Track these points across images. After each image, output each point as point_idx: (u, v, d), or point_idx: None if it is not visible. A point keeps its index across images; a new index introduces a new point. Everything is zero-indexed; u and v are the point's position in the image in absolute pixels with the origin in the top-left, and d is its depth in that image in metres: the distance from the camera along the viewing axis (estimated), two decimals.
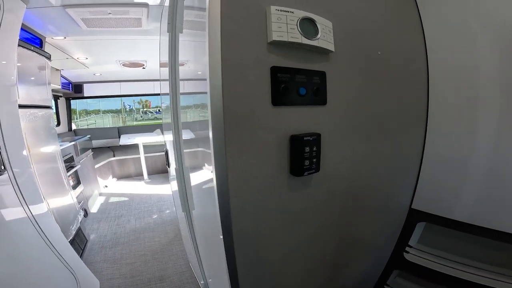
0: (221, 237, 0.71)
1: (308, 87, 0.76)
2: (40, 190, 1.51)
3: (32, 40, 2.46)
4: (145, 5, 2.03)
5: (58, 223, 1.67)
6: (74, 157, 3.01)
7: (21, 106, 1.45)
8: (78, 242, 2.40)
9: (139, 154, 4.92)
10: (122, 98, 8.74)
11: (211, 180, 0.70)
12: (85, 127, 7.70)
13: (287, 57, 0.72)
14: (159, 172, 5.38)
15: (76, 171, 2.97)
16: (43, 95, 2.12)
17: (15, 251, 1.27)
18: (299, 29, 0.70)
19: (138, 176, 5.20)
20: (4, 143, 1.25)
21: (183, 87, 1.56)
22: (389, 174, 1.05)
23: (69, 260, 1.67)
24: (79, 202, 2.76)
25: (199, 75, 1.22)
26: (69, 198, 2.40)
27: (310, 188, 0.84)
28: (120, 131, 5.82)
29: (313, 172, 0.79)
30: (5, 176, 1.24)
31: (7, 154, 1.25)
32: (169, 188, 4.44)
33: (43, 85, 2.16)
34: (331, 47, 0.77)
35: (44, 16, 2.08)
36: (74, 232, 2.31)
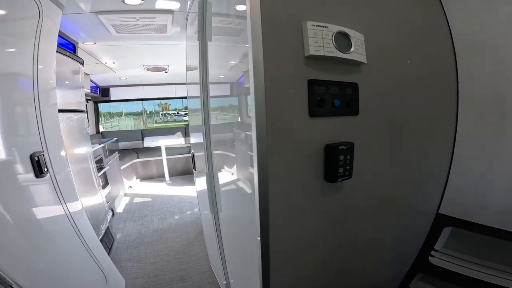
0: (259, 238, 0.74)
1: (342, 98, 0.79)
2: (76, 189, 1.58)
3: (66, 46, 2.59)
4: (171, 11, 2.11)
5: (90, 221, 1.74)
6: (103, 158, 3.14)
7: (59, 111, 1.52)
8: (106, 241, 2.49)
9: (161, 156, 5.06)
10: (143, 101, 9.02)
11: (244, 184, 0.73)
12: (110, 129, 8.01)
13: (322, 70, 0.76)
14: (180, 174, 5.50)
15: (104, 172, 3.09)
16: (78, 99, 2.23)
17: (54, 247, 1.34)
18: (334, 43, 0.73)
19: (160, 177, 5.33)
20: (46, 145, 1.32)
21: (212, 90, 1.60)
22: (418, 179, 1.07)
23: (99, 258, 1.74)
24: (107, 202, 2.86)
25: (227, 78, 1.25)
26: (99, 198, 2.50)
27: (342, 193, 0.87)
28: (143, 134, 6.02)
29: (346, 178, 0.82)
30: (47, 175, 1.31)
31: (48, 155, 1.32)
32: (189, 190, 4.54)
33: (77, 89, 2.27)
34: (363, 59, 0.80)
35: (77, 22, 2.19)
36: (103, 232, 2.40)
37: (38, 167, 1.23)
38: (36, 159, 1.23)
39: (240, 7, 0.92)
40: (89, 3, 1.84)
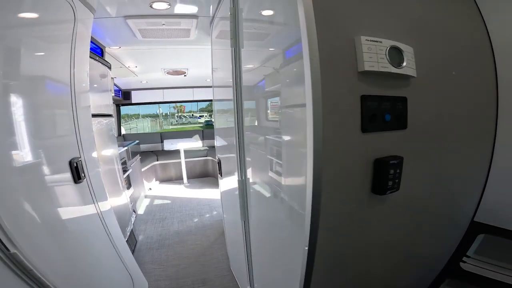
0: (306, 248, 0.74)
1: (392, 113, 0.79)
2: (105, 189, 1.61)
3: (94, 50, 2.65)
4: (195, 16, 2.13)
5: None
6: (127, 161, 3.19)
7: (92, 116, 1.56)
8: (130, 242, 2.52)
9: (179, 158, 5.12)
10: (159, 103, 9.22)
11: (286, 194, 0.72)
12: (128, 130, 8.21)
13: (373, 85, 0.76)
14: (197, 176, 5.56)
15: (128, 174, 3.15)
16: (106, 103, 2.28)
17: (86, 246, 1.36)
18: (387, 58, 0.72)
19: (178, 179, 5.39)
20: (81, 145, 1.36)
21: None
22: (456, 188, 1.07)
23: (126, 259, 1.76)
24: (130, 203, 2.91)
25: (258, 85, 1.23)
26: (124, 199, 2.54)
27: (387, 204, 0.87)
28: (162, 136, 6.13)
29: (394, 191, 0.83)
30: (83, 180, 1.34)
31: (83, 156, 1.35)
32: (207, 192, 4.57)
33: (106, 93, 2.33)
34: (413, 72, 0.79)
35: (105, 26, 2.23)
36: (128, 234, 2.44)
37: (77, 173, 1.26)
38: (75, 165, 1.26)
39: (279, 16, 0.92)
40: (118, 7, 1.87)
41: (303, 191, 0.73)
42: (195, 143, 5.27)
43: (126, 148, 3.23)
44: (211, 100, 7.18)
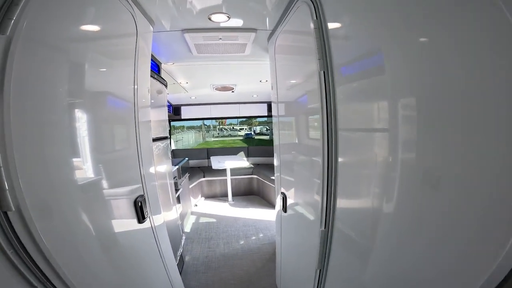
0: None
1: None
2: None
3: (152, 66, 2.69)
4: (254, 30, 2.04)
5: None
6: (178, 180, 3.20)
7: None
8: (178, 264, 2.45)
9: (225, 176, 5.10)
10: (207, 119, 9.50)
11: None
12: (175, 143, 8.56)
13: None
14: (242, 194, 5.48)
15: (178, 194, 3.15)
16: (164, 125, 2.31)
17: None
18: None
19: (223, 196, 5.36)
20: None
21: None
22: None
23: (175, 281, 1.67)
24: (180, 222, 2.88)
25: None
26: (175, 218, 2.51)
27: None
28: (209, 153, 6.21)
29: None
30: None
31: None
32: (252, 212, 4.46)
33: (163, 112, 2.36)
34: None
35: (161, 41, 2.22)
36: (178, 258, 2.38)
37: (141, 212, 1.25)
38: (139, 204, 1.24)
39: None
40: (177, 20, 1.83)
41: None
42: (242, 163, 5.22)
43: (177, 167, 3.24)
44: (258, 117, 7.20)
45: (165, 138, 2.29)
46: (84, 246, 0.89)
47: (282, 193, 1.87)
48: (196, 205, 4.82)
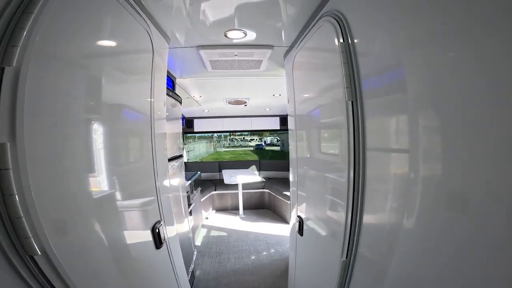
0: None
1: None
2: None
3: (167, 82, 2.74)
4: (271, 47, 2.04)
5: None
6: (190, 195, 3.22)
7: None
8: (189, 279, 2.44)
9: (236, 189, 5.10)
10: (220, 133, 9.53)
11: None
12: (187, 153, 8.63)
13: None
14: (253, 208, 5.43)
15: (191, 209, 3.17)
16: (178, 142, 2.35)
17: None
18: None
19: (234, 210, 5.33)
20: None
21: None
22: None
23: None
24: (192, 237, 2.88)
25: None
26: (189, 240, 2.52)
27: None
28: (220, 166, 6.25)
29: None
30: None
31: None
32: (263, 226, 4.41)
33: (177, 128, 2.41)
34: None
35: (176, 57, 2.24)
36: (190, 273, 2.37)
37: (159, 238, 1.28)
38: (157, 231, 1.27)
39: None
40: (192, 36, 1.85)
41: None
42: (254, 177, 5.21)
43: (190, 182, 3.27)
44: (270, 130, 7.21)
45: (179, 156, 2.32)
46: (102, 268, 0.90)
47: (299, 216, 1.82)
48: (207, 218, 4.81)
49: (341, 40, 1.07)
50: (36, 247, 0.62)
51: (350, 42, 1.04)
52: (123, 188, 1.07)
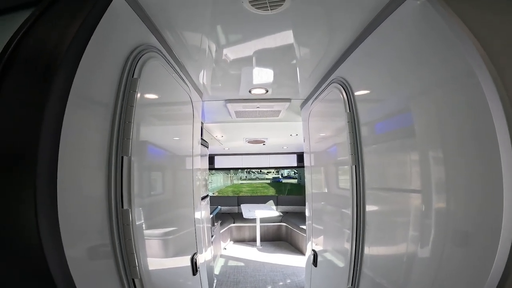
0: None
1: None
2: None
3: None
4: (288, 100, 2.41)
5: None
6: (211, 227, 3.48)
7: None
8: None
9: (254, 222, 5.31)
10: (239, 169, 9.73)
11: None
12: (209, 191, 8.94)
13: None
14: (270, 239, 5.59)
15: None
16: (204, 184, 2.66)
17: None
18: None
19: (251, 241, 5.52)
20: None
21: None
22: None
23: None
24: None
25: None
26: (210, 262, 2.78)
27: None
28: (239, 200, 6.57)
29: None
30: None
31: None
32: (280, 258, 4.51)
33: (205, 172, 2.74)
34: None
35: (205, 107, 2.61)
36: None
37: (195, 267, 1.52)
38: (194, 261, 1.53)
39: None
40: (222, 93, 2.23)
41: None
42: (272, 212, 5.45)
43: (211, 216, 3.55)
44: (287, 168, 7.30)
45: (206, 196, 2.67)
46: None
47: (313, 250, 2.01)
48: (225, 249, 5.03)
49: (348, 111, 1.23)
50: (138, 272, 0.87)
51: (355, 112, 1.23)
52: (176, 223, 1.38)
